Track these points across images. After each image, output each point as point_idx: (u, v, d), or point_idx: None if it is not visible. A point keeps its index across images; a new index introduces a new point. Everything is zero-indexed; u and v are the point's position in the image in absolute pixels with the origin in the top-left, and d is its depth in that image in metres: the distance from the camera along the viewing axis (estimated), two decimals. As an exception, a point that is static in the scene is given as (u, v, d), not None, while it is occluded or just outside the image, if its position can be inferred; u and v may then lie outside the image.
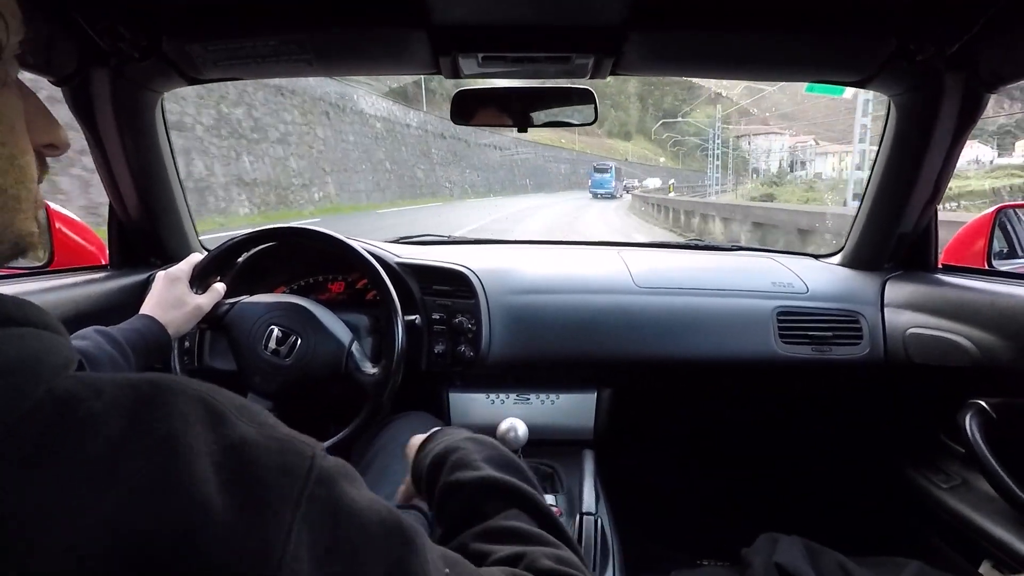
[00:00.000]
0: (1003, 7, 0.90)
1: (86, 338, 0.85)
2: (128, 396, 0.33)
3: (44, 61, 1.01)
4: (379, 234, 1.68)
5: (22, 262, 1.29)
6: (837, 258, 1.53)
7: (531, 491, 0.55)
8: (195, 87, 1.28)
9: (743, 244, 2.02)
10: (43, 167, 0.43)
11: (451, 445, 0.62)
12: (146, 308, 0.99)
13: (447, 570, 0.40)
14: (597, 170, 40.68)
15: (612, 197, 37.09)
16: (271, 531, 0.31)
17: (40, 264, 1.30)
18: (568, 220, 20.28)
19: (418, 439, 0.71)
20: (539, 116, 1.27)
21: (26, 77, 0.42)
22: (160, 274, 1.05)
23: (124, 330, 0.91)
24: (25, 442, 0.29)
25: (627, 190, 43.33)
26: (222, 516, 0.30)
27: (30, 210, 0.40)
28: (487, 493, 0.55)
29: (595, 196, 38.05)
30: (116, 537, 0.28)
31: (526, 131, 1.31)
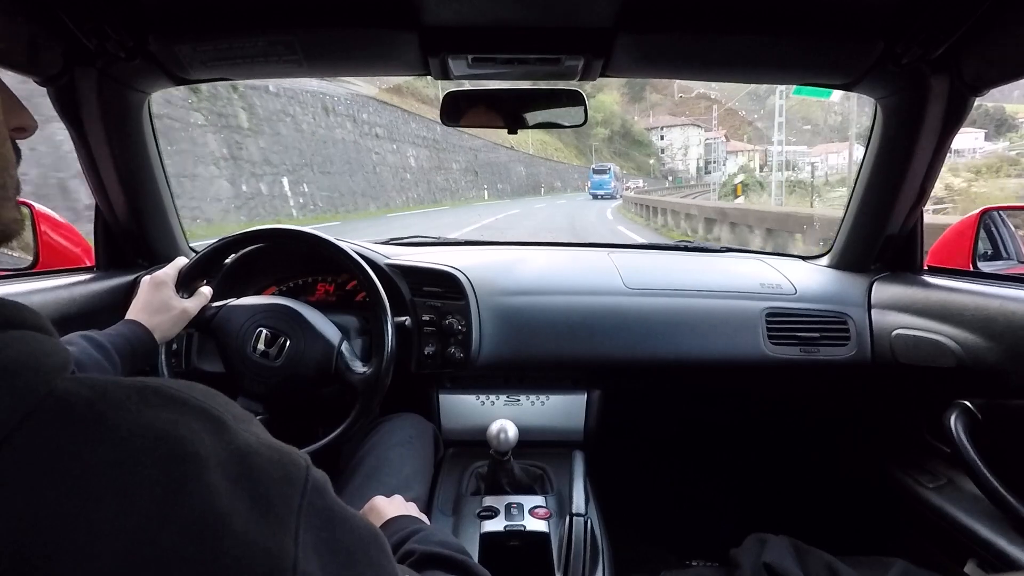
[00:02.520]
0: (986, 12, 0.91)
1: (72, 343, 0.85)
2: (134, 400, 0.33)
3: (29, 61, 1.00)
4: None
5: (7, 263, 1.28)
6: (825, 259, 1.55)
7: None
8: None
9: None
10: (16, 153, 0.43)
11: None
12: (132, 313, 0.98)
13: None
14: (596, 172, 42.38)
15: (612, 197, 38.65)
16: (282, 536, 0.32)
17: (25, 266, 1.28)
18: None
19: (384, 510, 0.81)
20: (529, 117, 1.27)
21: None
22: (145, 279, 1.04)
23: (110, 335, 0.91)
24: (34, 444, 0.29)
25: (628, 188, 44.45)
26: (239, 523, 0.31)
27: (13, 197, 0.40)
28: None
29: (595, 197, 39.51)
30: (139, 552, 0.28)
31: (516, 132, 1.31)
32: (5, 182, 0.39)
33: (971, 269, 1.41)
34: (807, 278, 1.46)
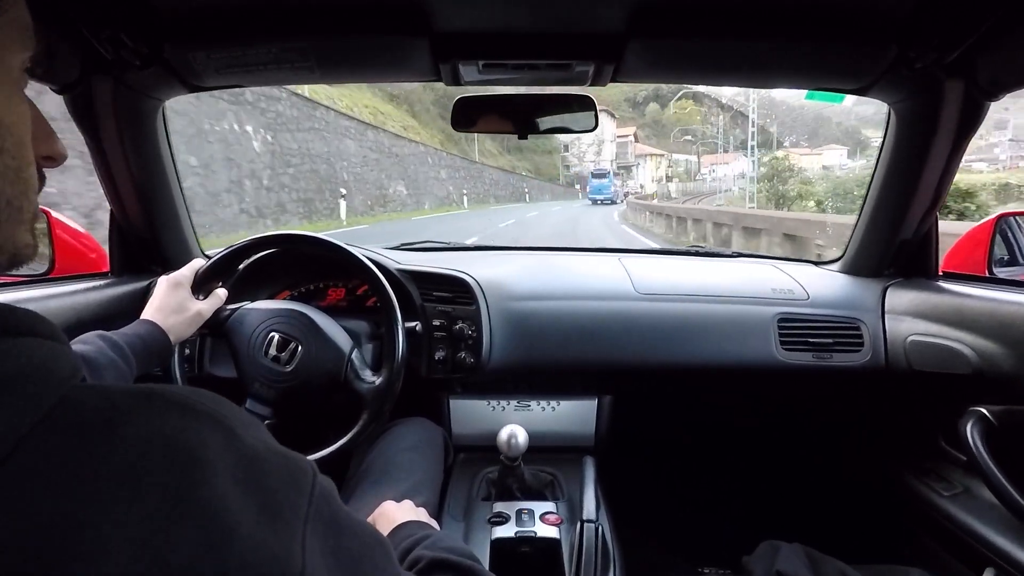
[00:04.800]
0: (1002, 16, 0.90)
1: (88, 343, 0.85)
2: (142, 407, 0.33)
3: (47, 69, 1.01)
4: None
5: (24, 269, 1.29)
6: (837, 265, 1.54)
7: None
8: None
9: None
10: (41, 179, 0.43)
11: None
12: (147, 313, 0.99)
13: None
14: (595, 176, 43.08)
15: (612, 202, 38.83)
16: (290, 542, 0.32)
17: (41, 272, 1.30)
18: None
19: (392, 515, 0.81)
20: (540, 123, 1.28)
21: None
22: (162, 279, 1.05)
23: (126, 335, 0.91)
24: (44, 451, 0.29)
25: (627, 195, 44.43)
26: (246, 529, 0.31)
27: (29, 221, 0.40)
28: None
29: (594, 202, 39.85)
30: (147, 559, 0.28)
31: (526, 138, 1.31)
32: (23, 206, 0.39)
33: (987, 275, 1.40)
34: (819, 283, 1.45)
